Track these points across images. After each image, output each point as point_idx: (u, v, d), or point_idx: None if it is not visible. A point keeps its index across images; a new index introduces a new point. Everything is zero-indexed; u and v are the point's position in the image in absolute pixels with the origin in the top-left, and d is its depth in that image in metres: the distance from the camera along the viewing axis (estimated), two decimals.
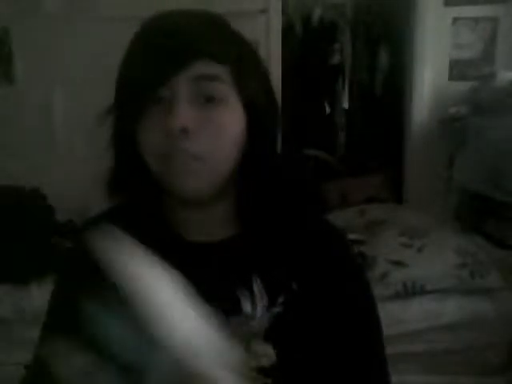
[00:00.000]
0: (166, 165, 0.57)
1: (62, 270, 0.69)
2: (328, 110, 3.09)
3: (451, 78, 2.55)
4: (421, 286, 1.67)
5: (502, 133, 1.97)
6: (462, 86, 2.43)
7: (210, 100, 0.56)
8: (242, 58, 0.59)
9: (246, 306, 0.58)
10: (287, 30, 2.90)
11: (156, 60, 0.55)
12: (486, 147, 2.04)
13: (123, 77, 0.59)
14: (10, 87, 2.73)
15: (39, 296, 1.64)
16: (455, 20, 2.49)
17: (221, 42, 0.57)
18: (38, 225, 1.96)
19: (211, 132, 0.56)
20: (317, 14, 3.01)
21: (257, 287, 0.59)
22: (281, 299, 0.59)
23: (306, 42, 3.04)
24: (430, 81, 2.57)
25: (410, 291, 1.67)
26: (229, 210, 0.63)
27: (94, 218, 0.70)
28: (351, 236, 1.91)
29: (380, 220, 2.15)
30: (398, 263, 1.73)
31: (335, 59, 2.99)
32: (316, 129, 3.06)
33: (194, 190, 0.57)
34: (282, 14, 2.70)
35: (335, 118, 3.09)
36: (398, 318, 1.60)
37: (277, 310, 0.58)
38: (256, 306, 0.58)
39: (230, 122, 0.58)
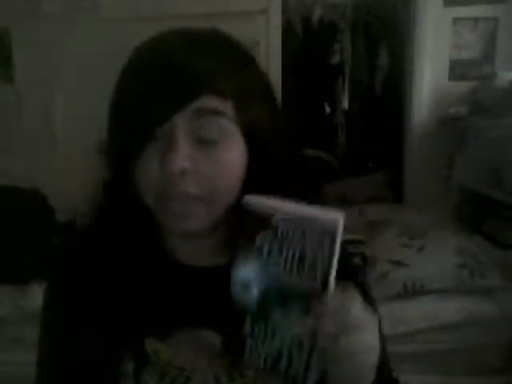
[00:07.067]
0: (164, 205, 0.54)
1: (56, 281, 0.66)
2: (328, 110, 3.09)
3: (451, 78, 2.55)
4: (421, 286, 1.67)
5: (502, 133, 1.97)
6: (462, 86, 2.44)
7: (211, 138, 0.53)
8: (248, 91, 0.55)
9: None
10: (287, 30, 2.90)
11: (155, 96, 0.51)
12: (486, 147, 2.04)
13: (118, 110, 0.55)
14: (10, 87, 2.73)
15: (39, 296, 1.64)
16: (455, 20, 2.50)
17: (227, 75, 0.53)
18: (38, 225, 1.97)
19: (212, 172, 0.53)
20: (317, 14, 3.01)
21: None
22: None
23: (306, 42, 3.04)
24: (429, 81, 2.57)
25: (410, 291, 1.67)
26: (227, 236, 0.60)
27: (86, 231, 0.66)
28: (351, 236, 1.91)
29: (380, 220, 2.15)
30: (398, 263, 1.73)
31: (335, 59, 2.99)
32: (316, 129, 3.06)
33: (194, 230, 0.55)
34: (282, 14, 2.71)
35: (335, 117, 3.09)
36: (398, 317, 1.60)
37: None
38: None
39: (232, 161, 0.54)
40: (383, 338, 0.61)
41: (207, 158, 0.53)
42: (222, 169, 0.53)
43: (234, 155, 0.54)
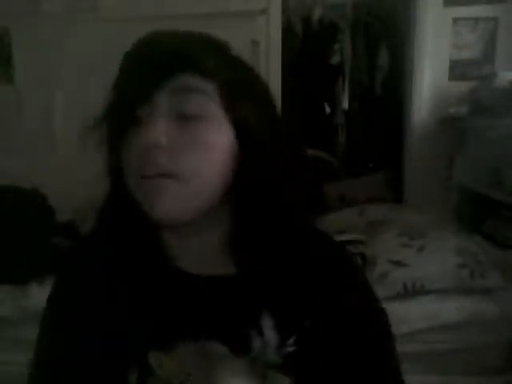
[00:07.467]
0: (140, 183, 0.53)
1: (58, 290, 0.65)
2: (328, 110, 3.09)
3: (451, 78, 2.55)
4: (421, 286, 1.66)
5: (502, 133, 1.97)
6: (462, 86, 2.44)
7: (192, 116, 0.52)
8: (233, 77, 0.54)
9: (256, 344, 0.55)
10: (287, 30, 2.90)
11: (138, 76, 0.52)
12: (486, 147, 2.04)
13: (110, 95, 0.56)
14: (10, 87, 2.73)
15: (39, 296, 1.64)
16: (455, 20, 2.50)
17: (209, 57, 0.53)
18: (38, 225, 1.96)
19: (191, 150, 0.52)
20: (317, 14, 3.01)
21: (267, 325, 0.55)
22: (293, 338, 0.55)
23: (306, 42, 3.04)
24: (429, 81, 2.57)
25: (410, 291, 1.66)
26: (226, 240, 0.58)
27: (90, 240, 0.66)
28: (351, 236, 1.91)
29: (380, 220, 2.15)
30: (398, 263, 1.73)
31: (335, 59, 2.99)
32: (316, 129, 3.06)
33: (168, 212, 0.53)
34: (282, 14, 2.71)
35: (335, 118, 3.09)
36: (398, 317, 1.60)
37: (289, 349, 0.55)
38: (266, 344, 0.55)
39: (213, 143, 0.53)
40: (393, 338, 0.61)
41: (186, 135, 0.52)
42: (201, 148, 0.52)
43: (216, 138, 0.53)
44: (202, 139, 0.52)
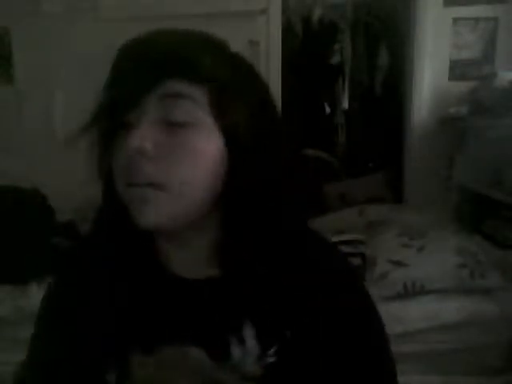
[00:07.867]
0: (126, 191, 0.52)
1: (56, 287, 0.66)
2: (328, 110, 3.09)
3: (451, 78, 2.55)
4: (421, 286, 1.66)
5: (502, 133, 1.97)
6: (462, 86, 2.44)
7: (179, 123, 0.51)
8: (226, 81, 0.52)
9: (236, 352, 0.54)
10: (287, 30, 2.90)
11: (126, 81, 0.51)
12: (486, 147, 2.04)
13: (100, 97, 0.54)
14: (10, 87, 2.73)
15: (39, 296, 1.64)
16: (455, 20, 2.50)
17: (198, 61, 0.51)
18: (38, 225, 1.96)
19: (179, 158, 0.50)
20: (317, 14, 3.01)
21: (248, 334, 0.54)
22: (274, 348, 0.54)
23: (306, 42, 3.04)
24: (429, 81, 2.57)
25: (410, 291, 1.67)
26: (214, 246, 0.56)
27: (87, 241, 0.67)
28: (351, 236, 1.91)
29: (380, 220, 2.15)
30: (398, 263, 1.73)
31: (335, 59, 2.99)
32: (316, 129, 3.06)
33: (154, 221, 0.51)
34: (282, 14, 2.71)
35: (335, 117, 3.09)
36: (398, 317, 1.60)
37: (270, 359, 0.53)
38: (247, 353, 0.54)
39: (203, 149, 0.51)
40: (387, 339, 0.60)
41: (173, 142, 0.51)
42: (189, 156, 0.51)
43: (204, 145, 0.51)
44: (191, 147, 0.51)
